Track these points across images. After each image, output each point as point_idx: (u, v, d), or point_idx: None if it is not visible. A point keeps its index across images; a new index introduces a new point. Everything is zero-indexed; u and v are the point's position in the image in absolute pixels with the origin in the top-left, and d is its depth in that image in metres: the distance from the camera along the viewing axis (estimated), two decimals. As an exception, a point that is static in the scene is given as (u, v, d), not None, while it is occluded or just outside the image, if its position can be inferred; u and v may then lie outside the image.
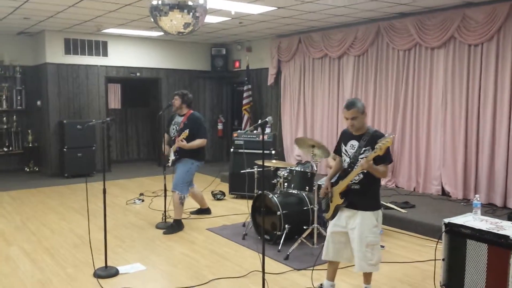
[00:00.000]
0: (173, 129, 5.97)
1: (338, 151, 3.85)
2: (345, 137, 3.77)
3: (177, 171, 5.87)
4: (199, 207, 6.66)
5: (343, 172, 3.73)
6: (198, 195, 6.51)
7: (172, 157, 5.88)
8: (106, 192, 4.48)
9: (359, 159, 3.55)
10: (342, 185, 3.66)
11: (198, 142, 5.75)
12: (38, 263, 4.76)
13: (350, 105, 3.60)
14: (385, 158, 3.52)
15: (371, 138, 3.55)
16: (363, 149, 3.58)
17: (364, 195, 3.62)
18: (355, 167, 3.57)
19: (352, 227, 3.63)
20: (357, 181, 3.62)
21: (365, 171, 3.53)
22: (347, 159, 3.68)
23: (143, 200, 7.52)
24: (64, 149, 9.39)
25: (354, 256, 3.66)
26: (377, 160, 3.47)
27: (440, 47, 7.07)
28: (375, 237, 3.62)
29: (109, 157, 10.55)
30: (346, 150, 3.72)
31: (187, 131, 5.63)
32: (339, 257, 3.80)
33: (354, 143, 3.65)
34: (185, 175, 5.82)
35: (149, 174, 9.91)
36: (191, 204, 6.67)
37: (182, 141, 5.63)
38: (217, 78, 11.61)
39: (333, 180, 3.83)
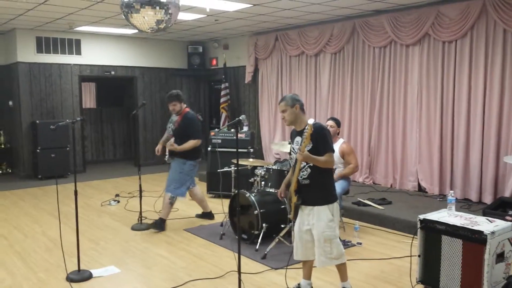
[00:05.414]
0: (169, 127, 6.05)
1: (291, 152, 3.87)
2: (293, 136, 3.81)
3: (170, 172, 5.87)
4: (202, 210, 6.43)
5: (292, 170, 3.73)
6: (197, 195, 6.22)
7: (168, 154, 5.95)
8: (81, 193, 4.38)
9: None
10: (293, 182, 3.66)
11: (191, 144, 5.72)
12: (9, 267, 4.62)
13: (281, 100, 3.73)
14: (325, 147, 3.54)
15: None
16: None
17: (315, 189, 3.61)
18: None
19: (312, 223, 3.63)
20: (306, 176, 3.61)
21: (311, 165, 3.54)
22: (294, 156, 3.69)
23: (118, 201, 7.38)
24: (38, 150, 9.17)
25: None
26: (318, 151, 3.50)
27: (415, 44, 7.11)
28: (332, 231, 3.61)
29: (84, 158, 10.34)
30: (293, 148, 3.74)
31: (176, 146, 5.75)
32: (308, 255, 3.77)
33: (298, 139, 3.67)
34: (177, 176, 5.78)
35: (125, 175, 9.76)
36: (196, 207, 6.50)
37: (172, 145, 5.74)
38: (194, 76, 11.50)
39: None
